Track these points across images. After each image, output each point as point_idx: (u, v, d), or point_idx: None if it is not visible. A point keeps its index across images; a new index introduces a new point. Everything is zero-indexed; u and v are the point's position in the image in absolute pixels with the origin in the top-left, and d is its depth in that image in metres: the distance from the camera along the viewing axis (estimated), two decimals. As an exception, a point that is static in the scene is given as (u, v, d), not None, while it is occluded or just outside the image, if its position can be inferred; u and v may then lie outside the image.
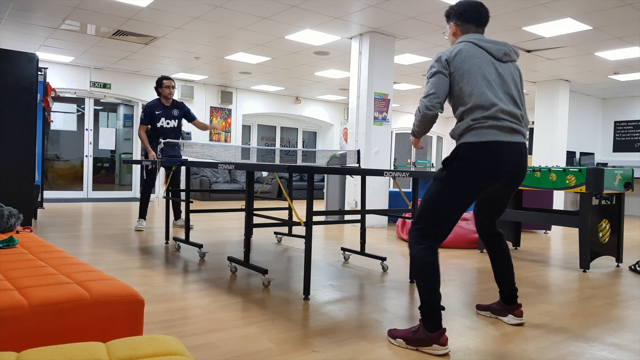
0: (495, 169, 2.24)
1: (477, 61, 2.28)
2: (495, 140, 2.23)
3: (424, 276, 2.21)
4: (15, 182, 4.63)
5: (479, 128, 2.24)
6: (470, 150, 2.24)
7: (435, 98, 2.24)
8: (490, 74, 2.28)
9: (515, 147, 2.29)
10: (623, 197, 4.38)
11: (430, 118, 2.27)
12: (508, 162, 2.26)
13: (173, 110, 5.79)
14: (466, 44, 2.32)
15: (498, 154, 2.24)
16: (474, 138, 2.24)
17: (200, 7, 5.96)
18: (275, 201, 9.95)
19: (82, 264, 2.00)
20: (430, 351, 2.15)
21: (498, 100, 2.25)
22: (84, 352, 1.15)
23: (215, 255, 4.28)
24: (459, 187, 2.24)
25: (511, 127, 2.27)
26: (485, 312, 2.71)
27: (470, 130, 2.26)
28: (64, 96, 9.95)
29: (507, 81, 2.32)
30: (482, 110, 2.23)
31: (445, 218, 2.26)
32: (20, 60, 4.66)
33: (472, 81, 2.25)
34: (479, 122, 2.24)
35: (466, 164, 2.24)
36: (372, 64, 6.78)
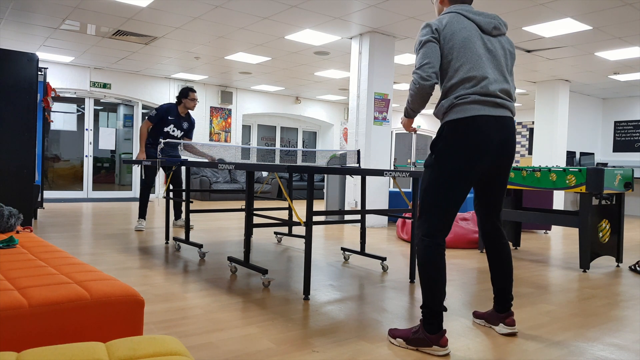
0: (482, 143, 2.14)
1: (466, 34, 2.17)
2: (479, 115, 2.14)
3: (427, 276, 2.16)
4: (15, 182, 4.63)
5: (462, 104, 2.15)
6: (455, 127, 2.16)
7: (430, 67, 2.13)
8: (479, 48, 2.19)
9: (501, 121, 2.20)
10: (623, 197, 4.38)
11: (428, 89, 2.14)
12: (494, 135, 2.17)
13: (184, 122, 5.81)
14: (455, 15, 2.21)
15: (482, 128, 2.14)
16: (457, 114, 2.15)
17: (200, 7, 5.96)
18: (275, 201, 9.95)
19: (82, 264, 2.00)
20: (430, 352, 2.14)
21: (485, 75, 2.16)
22: (84, 352, 1.15)
23: (215, 255, 4.28)
24: (449, 169, 2.15)
25: (495, 101, 2.17)
26: (480, 320, 2.60)
27: (453, 108, 2.17)
28: (64, 96, 9.95)
29: (496, 56, 2.23)
30: (467, 85, 2.15)
31: (444, 206, 2.17)
32: (20, 60, 4.66)
33: (460, 55, 2.16)
34: (462, 97, 2.15)
35: (452, 142, 2.15)
36: (372, 64, 6.78)
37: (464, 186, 2.18)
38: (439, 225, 2.19)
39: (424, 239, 2.20)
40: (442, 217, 2.18)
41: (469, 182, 2.18)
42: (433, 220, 2.19)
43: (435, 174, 2.18)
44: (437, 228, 2.19)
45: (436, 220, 2.18)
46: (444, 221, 2.19)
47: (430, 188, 2.19)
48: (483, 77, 2.16)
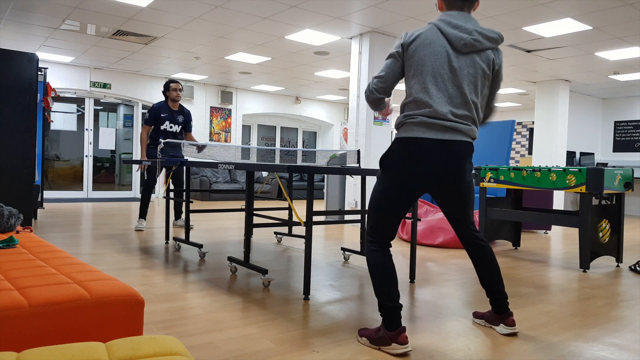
0: (419, 166, 2.15)
1: (430, 51, 2.13)
2: (419, 137, 2.14)
3: (375, 277, 2.20)
4: (15, 182, 4.63)
5: (409, 124, 2.17)
6: (399, 145, 2.19)
7: (381, 82, 2.20)
8: (440, 67, 2.13)
9: (446, 145, 2.16)
10: (623, 197, 4.38)
11: (372, 99, 2.23)
12: (434, 160, 2.15)
13: (179, 115, 5.81)
14: (430, 29, 2.17)
15: (423, 151, 2.14)
16: (403, 133, 2.19)
17: (200, 7, 5.96)
18: (275, 201, 9.95)
19: (82, 264, 2.00)
20: (390, 350, 2.13)
21: (437, 97, 2.13)
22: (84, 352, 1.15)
23: (215, 255, 4.28)
24: (390, 183, 2.20)
25: (445, 125, 2.14)
26: (480, 320, 2.58)
27: (402, 126, 2.21)
28: (64, 96, 9.95)
29: (458, 76, 2.14)
30: (417, 106, 2.16)
31: (384, 215, 2.22)
32: (20, 60, 4.66)
33: (416, 73, 2.15)
34: (410, 117, 2.17)
35: (394, 158, 2.19)
36: (372, 64, 6.78)
37: (404, 199, 2.21)
38: (381, 230, 2.25)
39: (369, 245, 2.27)
40: (384, 224, 2.24)
41: (408, 196, 2.21)
42: (376, 227, 2.25)
43: (379, 185, 2.25)
44: (380, 233, 2.25)
45: (379, 226, 2.24)
46: (386, 227, 2.24)
47: (374, 197, 2.26)
48: (433, 98, 2.13)
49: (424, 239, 5.25)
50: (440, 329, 2.49)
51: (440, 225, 5.25)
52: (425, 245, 5.25)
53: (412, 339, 2.34)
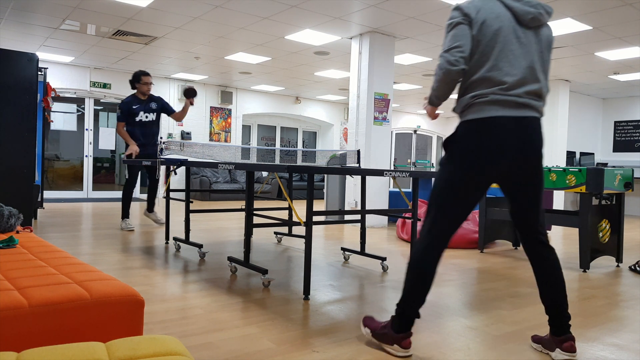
0: (497, 147, 1.94)
1: (498, 25, 1.95)
2: (495, 116, 1.95)
3: (411, 279, 2.06)
4: (15, 182, 4.63)
5: (479, 104, 1.97)
6: (468, 129, 1.99)
7: (459, 51, 1.92)
8: (510, 43, 1.96)
9: (522, 122, 1.98)
10: (623, 197, 4.38)
11: (454, 75, 1.93)
12: (513, 138, 1.96)
13: (151, 103, 5.76)
14: (490, 1, 1.98)
15: (499, 130, 1.95)
16: (473, 115, 1.98)
17: (200, 7, 5.96)
18: (275, 201, 9.95)
19: (82, 264, 2.00)
20: (390, 350, 2.10)
21: (510, 74, 1.96)
22: (84, 352, 1.15)
23: (215, 255, 4.28)
24: (460, 171, 1.98)
25: (517, 101, 1.96)
26: (538, 345, 2.25)
27: (470, 107, 2.00)
28: (64, 96, 9.95)
29: (529, 51, 1.99)
30: (487, 84, 1.96)
31: (449, 209, 2.01)
32: (20, 60, 4.66)
33: (486, 49, 1.95)
34: (479, 97, 1.97)
35: (465, 143, 1.98)
36: (372, 64, 6.78)
37: (474, 191, 2.01)
38: (442, 227, 2.04)
39: (423, 241, 2.07)
40: (448, 219, 2.03)
41: (480, 187, 2.01)
42: (437, 222, 2.04)
43: (446, 174, 2.03)
44: (440, 230, 2.04)
45: (441, 222, 2.04)
46: (448, 224, 2.04)
47: (439, 188, 2.05)
48: (507, 76, 1.96)
49: (424, 239, 5.24)
50: (440, 329, 2.49)
51: (440, 225, 5.24)
52: (425, 245, 5.24)
53: (413, 338, 2.34)
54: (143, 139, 5.72)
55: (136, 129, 5.68)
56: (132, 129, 5.68)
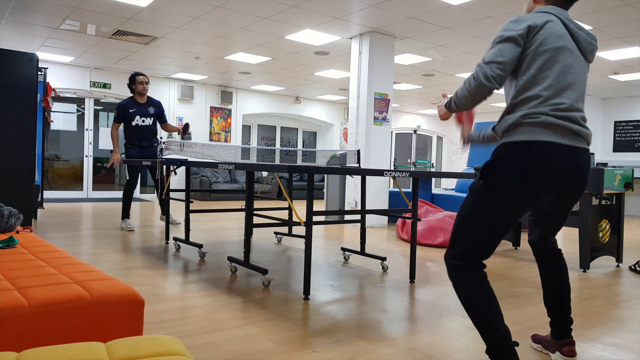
0: (546, 175, 1.76)
1: (561, 45, 1.80)
2: (549, 141, 1.75)
3: (475, 309, 1.79)
4: (15, 182, 4.63)
5: (529, 125, 1.77)
6: (515, 152, 1.78)
7: (500, 69, 1.75)
8: (570, 66, 1.82)
9: (575, 154, 1.81)
10: (623, 197, 4.38)
11: (486, 92, 1.78)
12: (563, 168, 1.78)
13: (149, 107, 5.70)
14: (554, 20, 1.82)
15: (550, 157, 1.76)
16: (521, 136, 1.77)
17: (200, 7, 5.96)
18: (275, 201, 9.95)
19: (82, 264, 2.00)
20: None
21: (567, 96, 1.80)
22: (84, 352, 1.15)
23: (215, 255, 4.28)
24: (500, 201, 1.79)
25: (572, 128, 1.78)
26: (537, 345, 2.24)
27: (517, 127, 1.79)
28: (64, 96, 9.95)
29: (582, 80, 1.87)
30: (541, 104, 1.77)
31: (483, 240, 1.82)
32: (20, 60, 4.66)
33: (546, 65, 1.78)
34: (531, 117, 1.77)
35: (509, 169, 1.77)
36: (372, 64, 6.78)
37: (513, 220, 1.83)
38: (478, 252, 1.84)
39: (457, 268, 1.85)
40: (484, 246, 1.84)
41: (520, 215, 1.84)
42: (472, 249, 1.84)
43: (481, 202, 1.82)
44: (476, 254, 1.84)
45: (475, 249, 1.84)
46: (485, 249, 1.85)
47: (472, 216, 1.84)
48: (565, 98, 1.80)
49: (424, 239, 5.25)
50: (440, 329, 2.49)
51: (440, 225, 5.25)
52: (425, 245, 5.25)
53: (412, 338, 2.34)
54: (141, 142, 5.69)
55: (133, 133, 5.65)
56: (130, 132, 5.65)
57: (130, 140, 5.69)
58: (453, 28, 6.47)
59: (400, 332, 2.43)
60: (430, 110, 14.68)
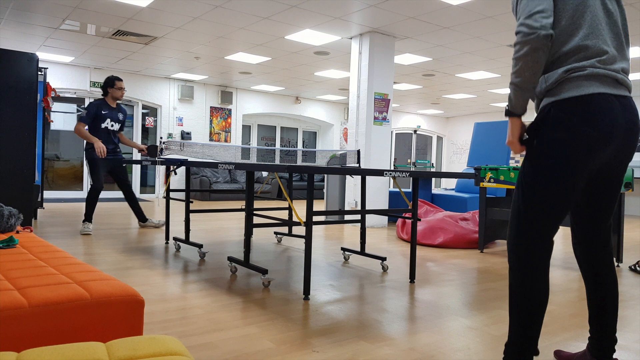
0: (605, 128, 1.61)
1: None
2: (599, 93, 1.61)
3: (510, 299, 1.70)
4: (15, 182, 4.63)
5: (575, 79, 1.62)
6: (567, 108, 1.62)
7: (543, 16, 1.58)
8: (599, 9, 1.68)
9: (624, 102, 1.67)
10: (623, 197, 4.37)
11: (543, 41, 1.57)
12: (619, 118, 1.64)
13: (119, 113, 5.56)
14: None
15: (605, 109, 1.61)
16: (570, 92, 1.62)
17: (200, 7, 5.96)
18: (275, 201, 9.95)
19: (82, 264, 2.00)
20: None
21: (605, 45, 1.67)
22: (84, 352, 1.15)
23: (215, 255, 4.28)
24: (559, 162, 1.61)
25: (616, 77, 1.65)
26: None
27: (562, 84, 1.64)
28: (64, 96, 9.95)
29: (616, 21, 1.72)
30: (582, 56, 1.64)
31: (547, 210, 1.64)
32: (20, 60, 4.66)
33: (576, 16, 1.65)
34: (575, 70, 1.62)
35: (564, 127, 1.61)
36: (372, 64, 6.78)
37: (576, 185, 1.65)
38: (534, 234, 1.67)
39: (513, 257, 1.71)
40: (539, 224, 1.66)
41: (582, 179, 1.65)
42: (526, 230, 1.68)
43: (534, 169, 1.66)
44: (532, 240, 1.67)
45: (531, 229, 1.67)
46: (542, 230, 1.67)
47: (529, 186, 1.67)
48: (603, 46, 1.66)
49: (424, 239, 5.25)
50: (440, 329, 2.49)
51: (440, 225, 5.25)
52: (425, 245, 5.25)
53: (412, 338, 2.34)
54: (108, 146, 5.46)
55: (101, 135, 5.39)
56: (97, 134, 5.38)
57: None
58: (453, 28, 6.46)
59: (400, 332, 2.43)
60: (430, 110, 14.68)
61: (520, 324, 1.67)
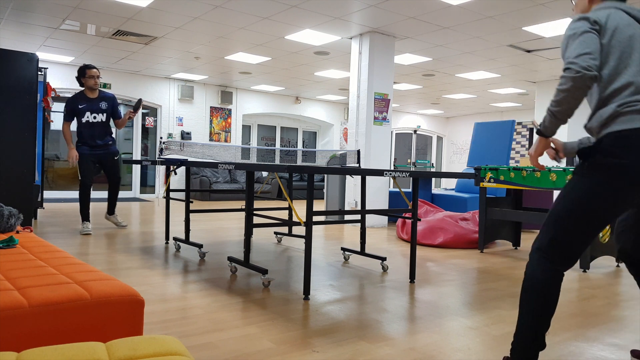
0: None
1: (632, 31, 1.79)
2: None
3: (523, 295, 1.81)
4: (15, 182, 4.63)
5: (629, 113, 1.73)
6: (620, 139, 1.72)
7: (591, 58, 1.69)
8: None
9: None
10: (623, 197, 4.37)
11: (588, 81, 1.68)
12: None
13: (100, 103, 5.25)
14: (615, 10, 1.82)
15: None
16: (624, 125, 1.73)
17: (200, 7, 5.96)
18: (275, 201, 9.95)
19: (82, 264, 2.00)
20: None
21: None
22: (84, 352, 1.15)
23: (215, 255, 4.28)
24: (606, 186, 1.73)
25: None
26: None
27: (617, 117, 1.75)
28: (64, 96, 9.95)
29: None
30: (633, 91, 1.76)
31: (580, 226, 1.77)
32: (20, 60, 4.66)
33: (624, 55, 1.77)
34: (629, 105, 1.74)
35: (617, 155, 1.72)
36: (372, 64, 6.78)
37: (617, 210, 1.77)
38: (568, 249, 1.79)
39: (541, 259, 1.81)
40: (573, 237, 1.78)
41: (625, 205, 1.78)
42: (559, 237, 1.79)
43: (586, 185, 1.77)
44: (564, 251, 1.79)
45: (567, 244, 1.79)
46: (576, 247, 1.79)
47: (572, 199, 1.79)
48: None
49: (424, 239, 5.25)
50: (440, 329, 2.49)
51: (440, 225, 5.25)
52: (425, 245, 5.25)
53: (412, 338, 2.34)
54: (92, 140, 5.30)
55: (84, 130, 5.24)
56: (80, 130, 5.25)
57: (82, 139, 5.28)
58: (453, 28, 6.47)
59: (400, 332, 2.43)
60: (430, 110, 14.68)
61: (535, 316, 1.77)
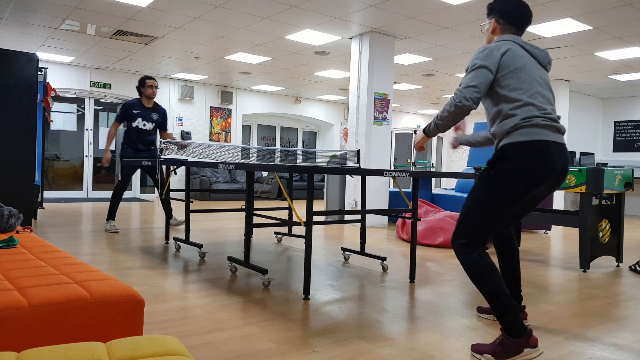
0: (546, 170, 2.11)
1: (527, 62, 2.21)
2: (545, 140, 2.12)
3: (480, 280, 2.13)
4: (15, 182, 4.63)
5: (529, 126, 2.12)
6: (521, 150, 2.12)
7: (476, 92, 2.13)
8: (540, 77, 2.23)
9: (561, 148, 2.19)
10: (623, 197, 4.37)
11: (466, 111, 2.15)
12: (556, 163, 2.15)
13: (153, 113, 5.68)
14: (513, 44, 2.23)
15: (548, 155, 2.12)
16: (523, 137, 2.12)
17: (200, 7, 5.96)
18: (275, 201, 9.95)
19: (82, 264, 2.00)
20: (523, 358, 2.05)
21: (548, 103, 2.21)
22: (84, 352, 1.15)
23: (215, 255, 4.28)
24: (509, 192, 2.12)
25: (557, 127, 2.18)
26: (488, 315, 2.66)
27: (518, 129, 2.14)
28: (64, 96, 9.95)
29: (549, 88, 2.28)
30: (533, 108, 2.15)
31: (490, 223, 2.17)
32: (20, 60, 4.66)
33: (525, 79, 2.17)
34: (529, 120, 2.13)
35: (517, 165, 2.11)
36: (372, 64, 6.78)
37: (516, 208, 2.21)
38: (481, 236, 2.18)
39: (466, 249, 2.18)
40: (486, 230, 2.18)
41: (520, 203, 2.18)
42: (475, 232, 2.18)
43: (491, 192, 2.16)
44: (483, 236, 2.18)
45: (484, 231, 2.17)
46: (486, 233, 2.18)
47: (481, 204, 2.18)
48: (545, 102, 2.19)
49: (424, 239, 5.25)
50: (440, 329, 2.49)
51: (440, 225, 5.25)
52: (425, 245, 5.25)
53: (412, 338, 2.34)
54: (137, 145, 5.68)
55: (133, 134, 5.63)
56: (129, 133, 5.64)
57: (128, 141, 5.67)
58: (453, 28, 6.47)
59: (400, 332, 2.43)
60: (430, 110, 14.68)
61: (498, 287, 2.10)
